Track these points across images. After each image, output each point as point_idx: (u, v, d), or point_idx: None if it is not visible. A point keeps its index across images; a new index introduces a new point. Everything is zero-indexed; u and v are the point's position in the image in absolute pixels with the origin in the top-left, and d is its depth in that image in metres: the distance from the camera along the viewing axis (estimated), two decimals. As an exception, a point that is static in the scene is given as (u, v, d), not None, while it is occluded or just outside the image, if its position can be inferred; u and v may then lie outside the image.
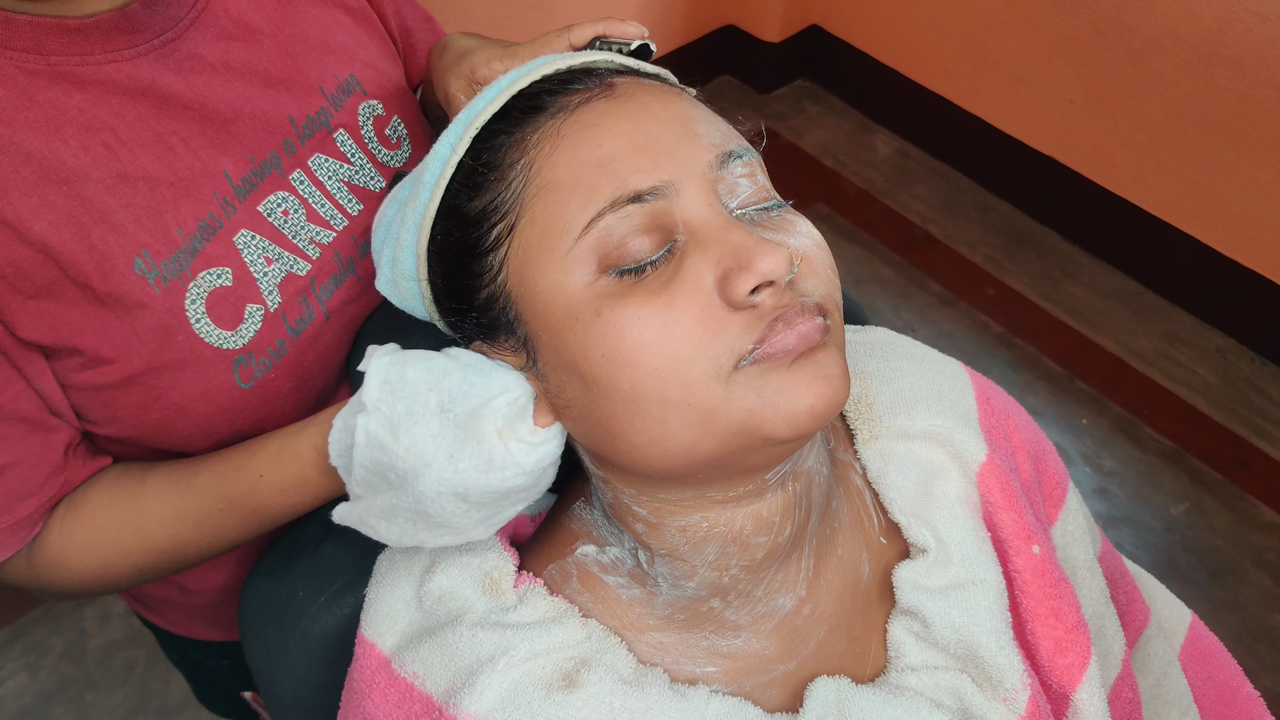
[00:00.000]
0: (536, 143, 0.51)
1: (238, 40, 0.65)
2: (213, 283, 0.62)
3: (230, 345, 0.63)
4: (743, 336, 0.47)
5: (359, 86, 0.72)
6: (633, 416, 0.48)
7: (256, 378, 0.65)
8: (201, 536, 0.64)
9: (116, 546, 0.62)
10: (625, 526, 0.56)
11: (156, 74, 0.60)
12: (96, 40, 0.58)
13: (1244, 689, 0.81)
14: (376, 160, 0.73)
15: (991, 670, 0.58)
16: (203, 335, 0.61)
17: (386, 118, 0.74)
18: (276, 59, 0.67)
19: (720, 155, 0.51)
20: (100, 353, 0.59)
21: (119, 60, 0.59)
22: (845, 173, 2.44)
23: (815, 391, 0.47)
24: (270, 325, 0.65)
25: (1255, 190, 1.88)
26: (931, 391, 0.65)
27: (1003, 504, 0.63)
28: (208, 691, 1.00)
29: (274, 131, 0.66)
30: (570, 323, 0.49)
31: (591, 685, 0.52)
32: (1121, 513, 1.78)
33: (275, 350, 0.65)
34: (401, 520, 0.55)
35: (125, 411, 0.62)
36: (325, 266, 0.68)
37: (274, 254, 0.65)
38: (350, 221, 0.70)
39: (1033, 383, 1.99)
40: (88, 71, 0.58)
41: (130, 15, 0.59)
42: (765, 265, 0.46)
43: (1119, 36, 1.95)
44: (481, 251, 0.53)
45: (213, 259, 0.62)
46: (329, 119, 0.70)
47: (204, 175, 0.62)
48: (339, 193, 0.70)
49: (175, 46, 0.62)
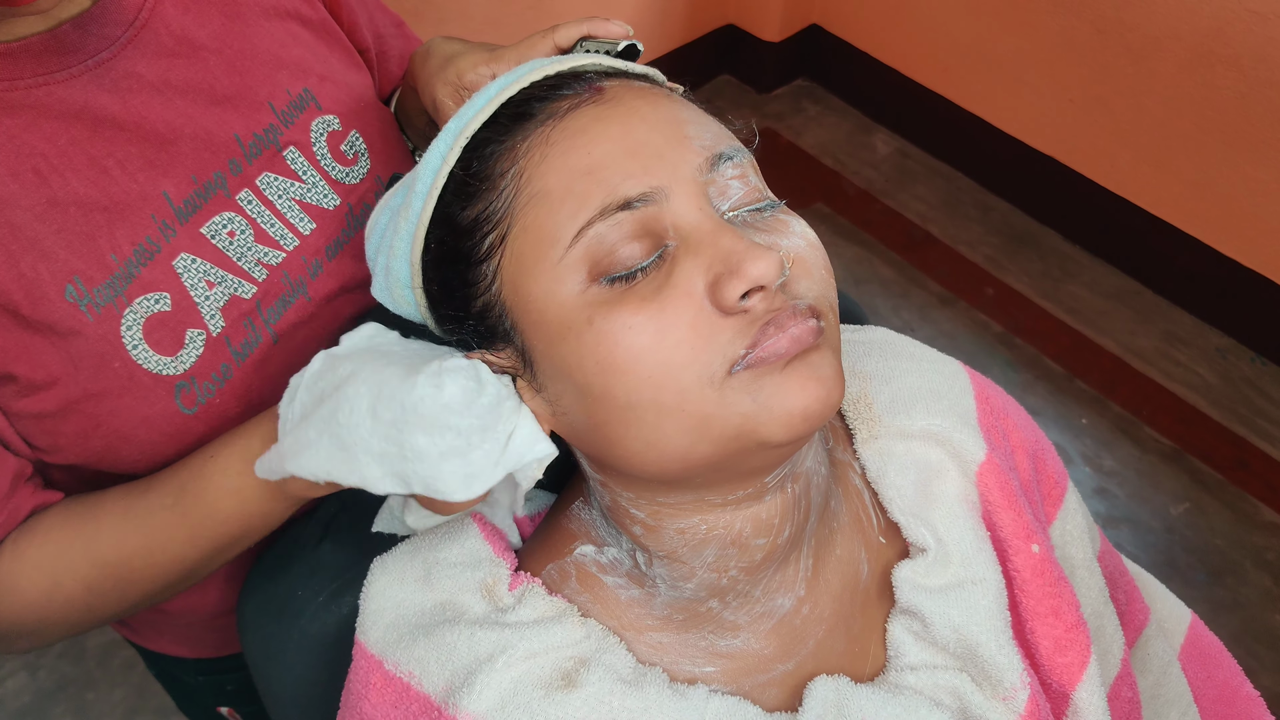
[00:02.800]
0: (526, 151, 0.51)
1: (180, 57, 0.64)
2: (150, 308, 0.61)
3: (170, 371, 0.62)
4: (735, 342, 0.47)
5: (313, 101, 0.71)
6: (628, 423, 0.48)
7: (200, 403, 0.63)
8: (146, 544, 0.61)
9: (65, 560, 0.60)
10: (623, 529, 0.55)
11: (90, 95, 0.59)
12: (26, 64, 0.57)
13: (1244, 689, 0.81)
14: (330, 177, 0.71)
15: (991, 669, 0.58)
16: (140, 361, 0.60)
17: (343, 133, 0.72)
18: (222, 75, 0.66)
19: (711, 158, 0.51)
20: (34, 379, 0.57)
21: (50, 83, 0.58)
22: (845, 172, 2.44)
23: (809, 393, 0.47)
24: (213, 350, 0.63)
25: (1255, 190, 1.88)
26: (930, 391, 0.65)
27: (1002, 503, 0.63)
28: (186, 705, 1.00)
29: (218, 151, 0.65)
30: (564, 332, 0.49)
31: (590, 685, 0.52)
32: (1121, 513, 1.78)
33: (219, 375, 0.64)
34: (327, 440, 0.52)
35: (66, 440, 0.60)
36: (272, 289, 0.67)
37: (216, 277, 0.64)
38: (302, 241, 0.68)
39: (1033, 383, 1.99)
40: (16, 96, 0.56)
41: (60, 36, 0.58)
42: (755, 270, 0.46)
43: (1119, 36, 1.95)
44: (475, 260, 0.53)
45: (150, 284, 0.61)
46: (278, 136, 0.68)
47: (141, 198, 0.61)
48: (290, 212, 0.68)
49: (111, 66, 0.60)
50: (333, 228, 0.70)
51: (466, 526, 0.60)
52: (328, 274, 0.70)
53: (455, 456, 0.50)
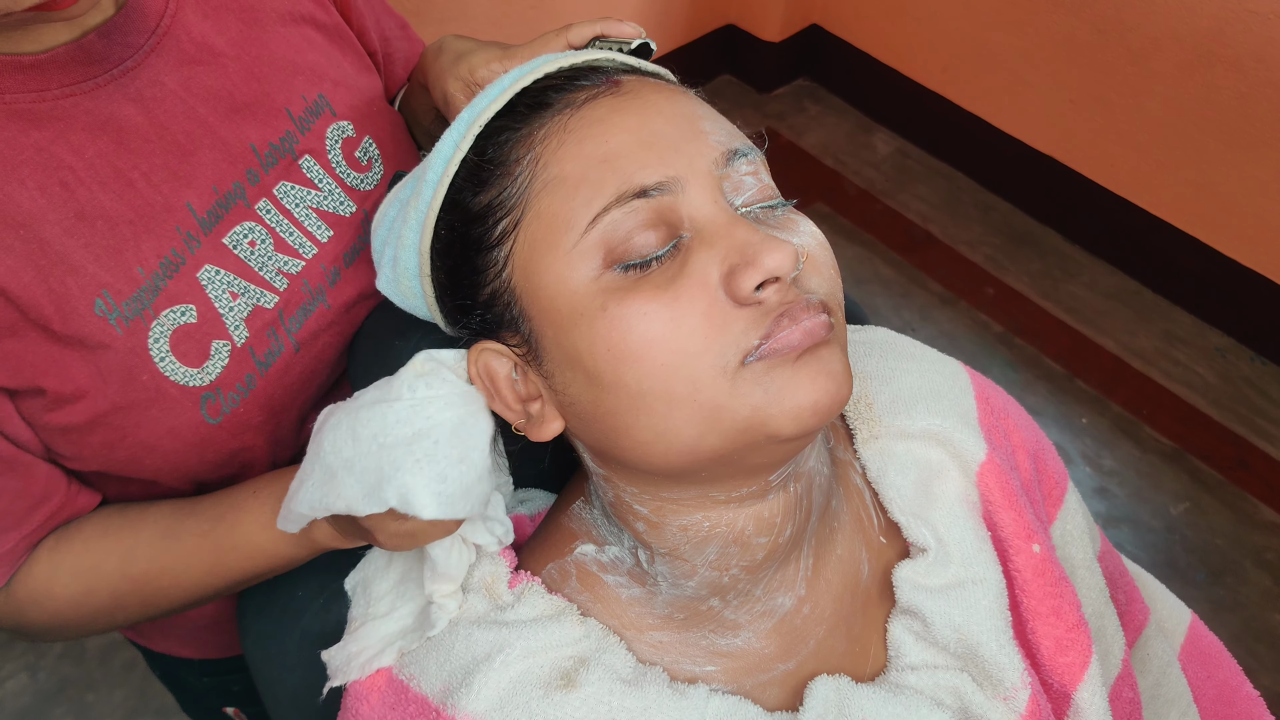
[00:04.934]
0: (543, 138, 0.51)
1: (201, 64, 0.64)
2: (176, 320, 0.61)
3: (197, 382, 0.62)
4: (749, 332, 0.47)
5: (328, 107, 0.71)
6: (638, 412, 0.48)
7: (225, 413, 0.63)
8: (175, 565, 0.62)
9: (101, 571, 0.62)
10: (626, 525, 0.55)
11: (116, 105, 0.59)
12: (53, 75, 0.56)
13: (1244, 689, 0.81)
14: (345, 184, 0.71)
15: (991, 669, 0.58)
16: (167, 374, 0.60)
17: (356, 139, 0.72)
18: (241, 82, 0.65)
19: (726, 153, 0.51)
20: (64, 393, 0.58)
21: (77, 94, 0.57)
22: (845, 172, 2.44)
23: (820, 387, 0.47)
24: (238, 360, 0.64)
25: (1255, 190, 1.88)
26: (931, 391, 0.65)
27: (1002, 503, 0.63)
28: (191, 706, 1.00)
29: (236, 161, 0.65)
30: (575, 318, 0.49)
31: (590, 684, 0.52)
32: (1121, 512, 1.78)
33: (244, 385, 0.64)
34: (318, 471, 0.53)
35: (91, 450, 0.61)
36: (294, 297, 0.67)
37: (240, 288, 0.64)
38: (320, 249, 0.68)
39: (1033, 383, 1.99)
40: (45, 108, 0.56)
41: (87, 46, 0.58)
42: (771, 261, 0.46)
43: (1119, 36, 1.95)
44: (486, 246, 0.53)
45: (176, 296, 0.61)
46: (294, 145, 0.68)
47: (166, 210, 0.61)
48: (307, 220, 0.68)
49: (135, 75, 0.60)
50: (349, 235, 0.70)
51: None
52: (346, 281, 0.70)
53: (429, 464, 0.50)
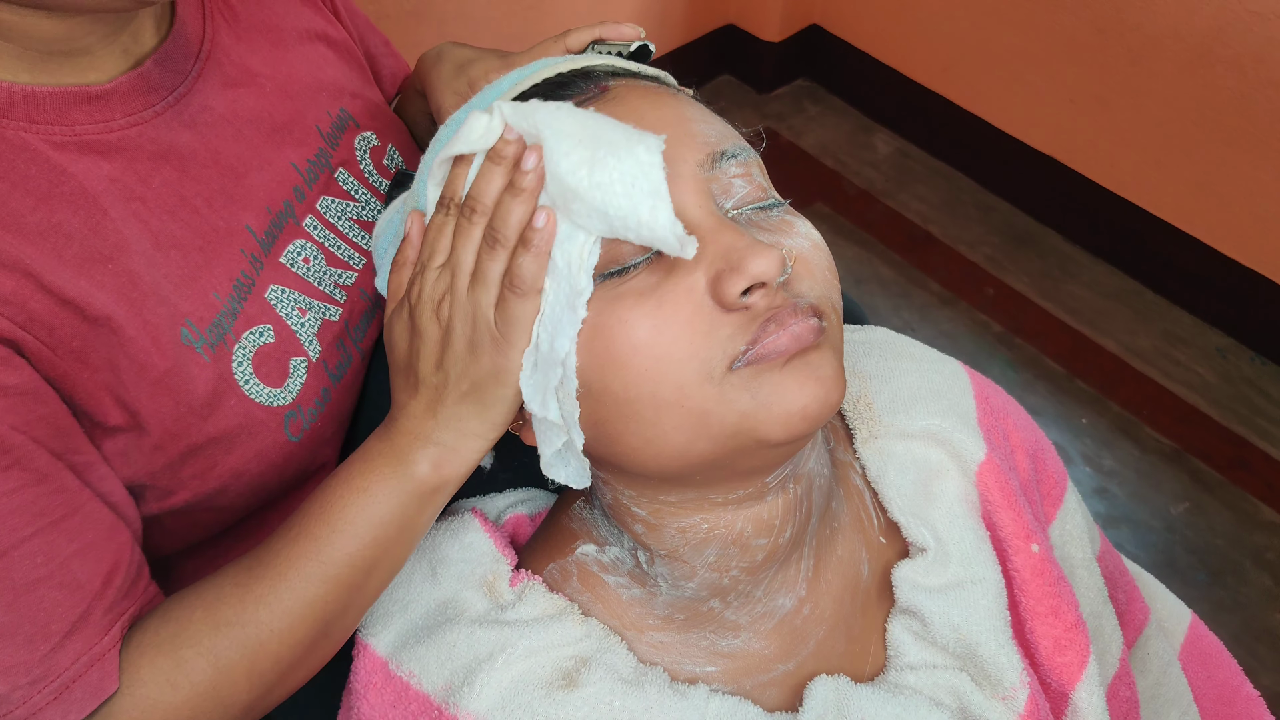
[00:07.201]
0: None
1: (242, 86, 0.64)
2: (257, 342, 0.61)
3: (280, 401, 0.62)
4: (735, 338, 0.47)
5: (351, 120, 0.71)
6: (627, 419, 0.48)
7: (305, 429, 0.64)
8: (273, 587, 0.52)
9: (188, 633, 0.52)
10: (625, 527, 0.56)
11: (175, 132, 0.60)
12: (117, 104, 0.57)
13: (1244, 689, 0.82)
14: (379, 192, 0.72)
15: (990, 669, 0.58)
16: (253, 396, 0.61)
17: (382, 147, 0.73)
18: (278, 102, 0.66)
19: (712, 154, 0.51)
20: (163, 428, 0.57)
21: (139, 123, 0.58)
22: (845, 172, 2.44)
23: (808, 392, 0.47)
24: (315, 375, 0.64)
25: (1255, 190, 1.88)
26: (930, 391, 0.65)
27: (1001, 503, 0.63)
28: None
29: (284, 180, 0.65)
30: None
31: (591, 684, 0.52)
32: (1121, 512, 1.78)
33: (320, 400, 0.65)
34: None
35: (181, 482, 0.60)
36: (355, 307, 0.68)
37: (306, 304, 0.65)
38: (368, 259, 0.70)
39: (1033, 383, 1.99)
40: (112, 139, 0.56)
41: (146, 75, 0.58)
42: (757, 267, 0.46)
43: (1119, 36, 1.95)
44: None
45: (253, 318, 0.61)
46: (329, 159, 0.69)
47: (229, 234, 0.61)
48: (351, 232, 0.69)
49: (188, 100, 0.61)
50: None
51: (468, 523, 0.60)
52: None
53: None
